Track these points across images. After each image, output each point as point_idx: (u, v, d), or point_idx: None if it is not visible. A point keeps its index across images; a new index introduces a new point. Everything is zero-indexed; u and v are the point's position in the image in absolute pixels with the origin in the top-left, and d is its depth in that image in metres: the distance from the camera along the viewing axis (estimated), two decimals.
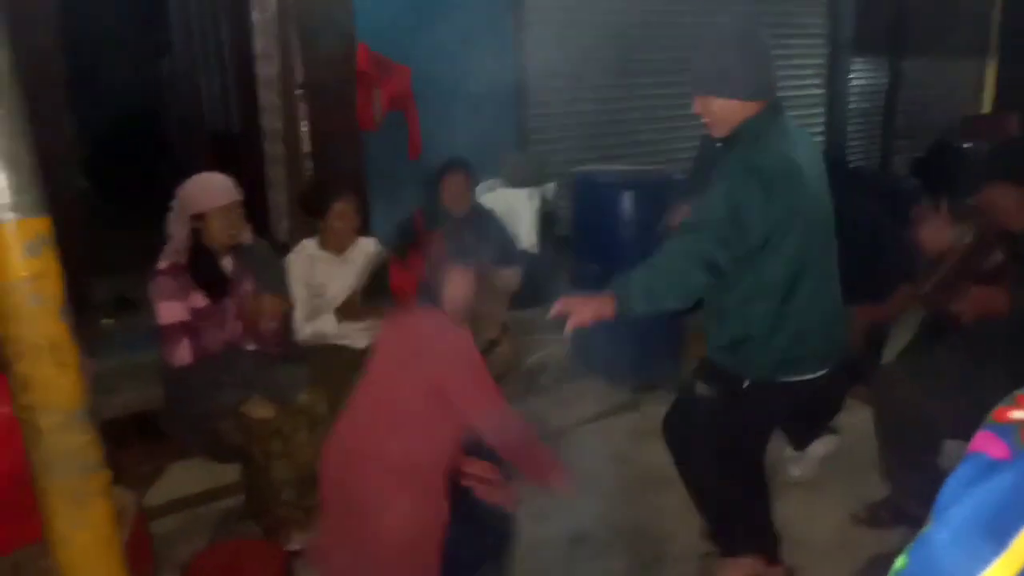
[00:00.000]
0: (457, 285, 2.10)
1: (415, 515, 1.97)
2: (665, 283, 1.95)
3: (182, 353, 2.51)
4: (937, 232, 2.24)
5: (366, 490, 1.99)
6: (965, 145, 7.34)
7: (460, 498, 2.06)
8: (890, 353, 2.88)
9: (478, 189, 3.95)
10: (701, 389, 2.17)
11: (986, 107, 8.84)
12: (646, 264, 1.97)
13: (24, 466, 1.38)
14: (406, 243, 2.08)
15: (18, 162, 1.28)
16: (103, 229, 4.98)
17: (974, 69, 8.64)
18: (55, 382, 1.38)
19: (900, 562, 0.72)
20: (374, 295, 2.25)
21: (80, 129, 4.62)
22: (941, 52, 7.95)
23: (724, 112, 1.98)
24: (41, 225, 1.35)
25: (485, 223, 3.48)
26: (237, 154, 5.28)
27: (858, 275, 2.79)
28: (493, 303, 3.25)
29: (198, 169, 2.72)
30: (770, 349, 2.04)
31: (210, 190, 2.56)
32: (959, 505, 0.68)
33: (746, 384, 2.08)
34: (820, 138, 7.08)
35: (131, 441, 2.76)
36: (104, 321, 4.09)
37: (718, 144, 2.07)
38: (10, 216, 1.29)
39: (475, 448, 2.14)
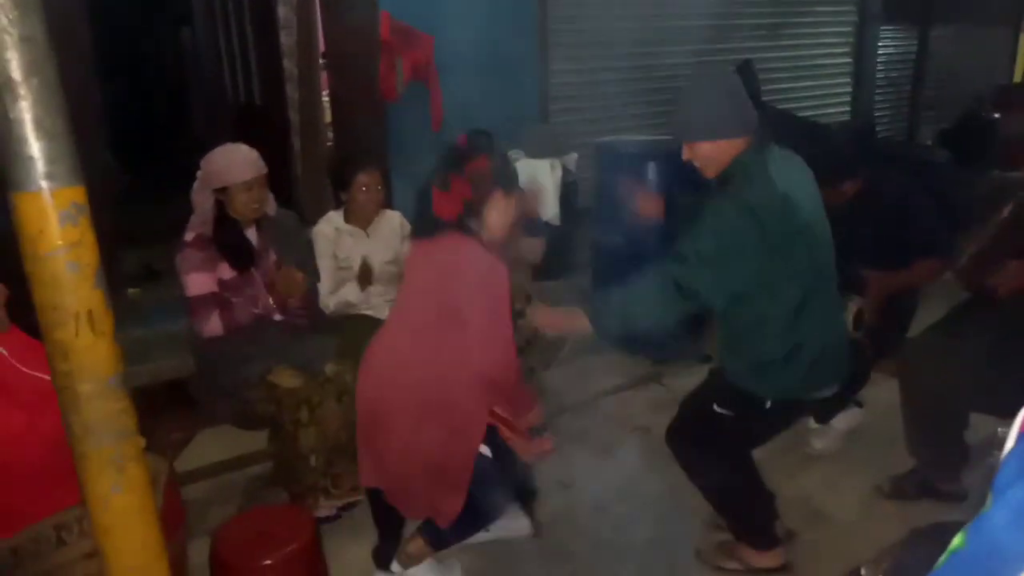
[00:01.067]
0: (500, 211, 2.09)
1: (446, 442, 2.03)
2: (641, 309, 2.09)
3: (212, 324, 2.54)
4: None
5: (397, 414, 2.06)
6: (995, 116, 7.20)
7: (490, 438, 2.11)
8: (917, 327, 2.85)
9: None
10: (720, 409, 2.22)
11: (1017, 77, 8.64)
12: (625, 289, 2.09)
13: (62, 431, 1.41)
14: (449, 169, 2.06)
15: (52, 132, 1.29)
16: (128, 200, 5.02)
17: (1006, 38, 8.43)
18: (92, 349, 1.40)
19: (958, 541, 0.71)
20: (417, 228, 2.27)
21: (104, 100, 4.63)
22: (971, 21, 7.77)
23: (714, 153, 2.08)
24: (76, 194, 1.36)
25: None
26: (261, 124, 5.29)
27: (886, 246, 2.78)
28: (518, 273, 3.26)
29: (221, 140, 2.72)
30: (791, 371, 2.12)
31: (235, 163, 2.55)
32: (1018, 486, 0.67)
33: (768, 404, 2.17)
34: (846, 108, 6.96)
35: (161, 409, 2.80)
36: (131, 291, 4.15)
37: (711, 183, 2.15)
38: (45, 185, 1.30)
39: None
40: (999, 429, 2.95)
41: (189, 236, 2.57)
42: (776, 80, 6.10)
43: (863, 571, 1.22)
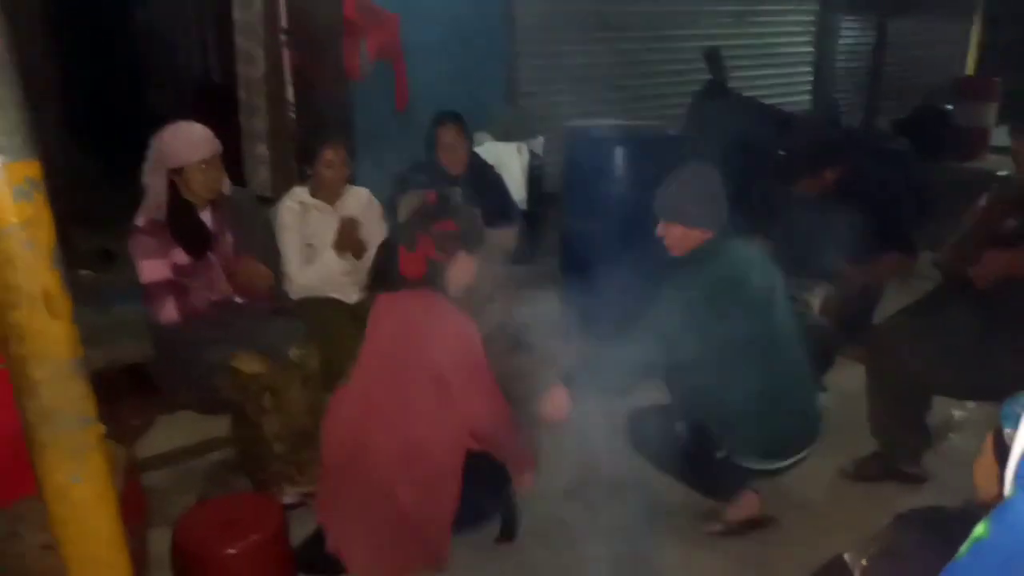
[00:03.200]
0: (462, 271, 2.16)
1: (427, 495, 2.05)
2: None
3: (168, 311, 2.46)
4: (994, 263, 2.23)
5: (379, 464, 2.05)
6: (949, 107, 7.35)
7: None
8: (880, 314, 2.90)
9: None
10: (679, 429, 2.41)
11: (970, 69, 8.84)
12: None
13: (18, 419, 1.34)
14: (416, 228, 2.09)
15: (4, 103, 1.22)
16: (82, 179, 4.84)
17: (959, 31, 8.62)
18: (49, 332, 1.34)
19: (980, 529, 0.71)
20: (379, 281, 2.27)
21: (55, 76, 4.45)
22: (927, 13, 7.92)
23: (684, 238, 2.35)
24: (31, 169, 1.29)
25: (483, 178, 3.41)
26: (219, 102, 5.14)
27: (859, 235, 2.81)
28: (489, 261, 3.23)
29: (178, 118, 2.61)
30: (761, 427, 2.31)
31: (189, 142, 2.46)
32: None
33: (719, 455, 2.35)
34: (807, 96, 7.05)
35: (118, 394, 2.71)
36: (82, 272, 4.01)
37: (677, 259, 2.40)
38: None
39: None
40: (954, 412, 3.04)
41: (141, 220, 2.47)
42: (740, 67, 6.14)
43: (846, 557, 1.22)
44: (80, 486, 1.42)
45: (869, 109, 7.81)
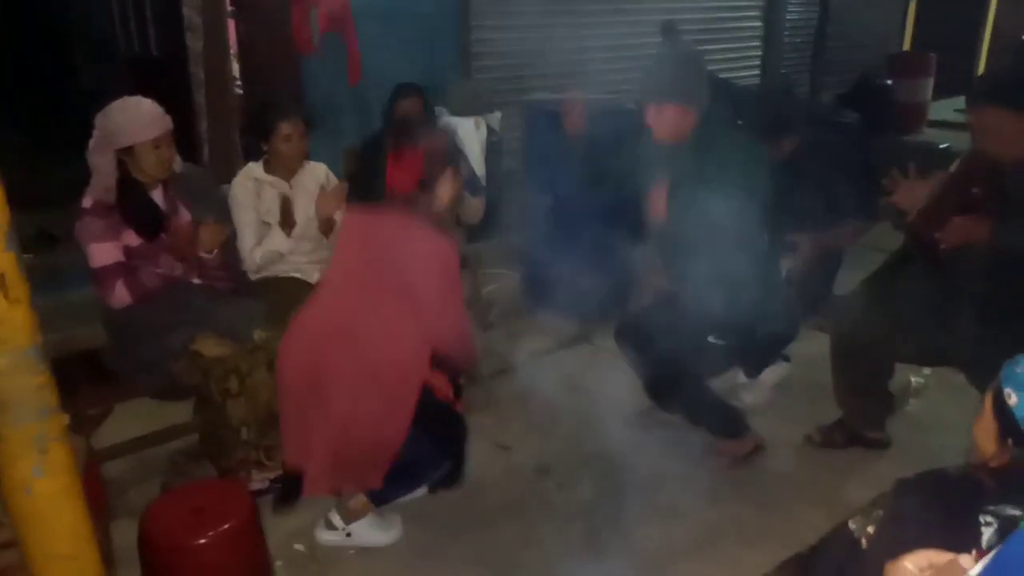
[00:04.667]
0: (449, 187, 2.12)
1: (383, 414, 2.02)
2: None
3: (120, 294, 2.35)
4: (910, 192, 2.31)
5: (339, 381, 2.01)
6: (888, 81, 7.54)
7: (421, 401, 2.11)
8: (841, 284, 2.95)
9: None
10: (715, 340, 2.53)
11: (907, 45, 9.06)
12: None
13: None
14: (405, 141, 2.02)
15: None
16: (13, 158, 4.60)
17: (897, 8, 8.81)
18: (6, 318, 1.27)
19: None
20: (361, 194, 2.19)
21: None
22: None
23: (680, 120, 2.33)
24: None
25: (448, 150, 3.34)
26: (159, 77, 4.93)
27: (815, 206, 2.85)
28: (454, 234, 3.18)
29: (114, 94, 2.47)
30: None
31: (138, 121, 2.33)
32: None
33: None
34: (756, 71, 7.12)
35: (74, 383, 2.59)
36: (26, 257, 3.81)
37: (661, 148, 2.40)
38: None
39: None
40: (912, 378, 3.13)
41: (87, 202, 2.34)
42: (694, 42, 6.15)
43: (851, 525, 1.23)
44: (43, 480, 1.36)
45: (813, 84, 7.94)
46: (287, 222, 2.76)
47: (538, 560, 2.26)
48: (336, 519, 2.28)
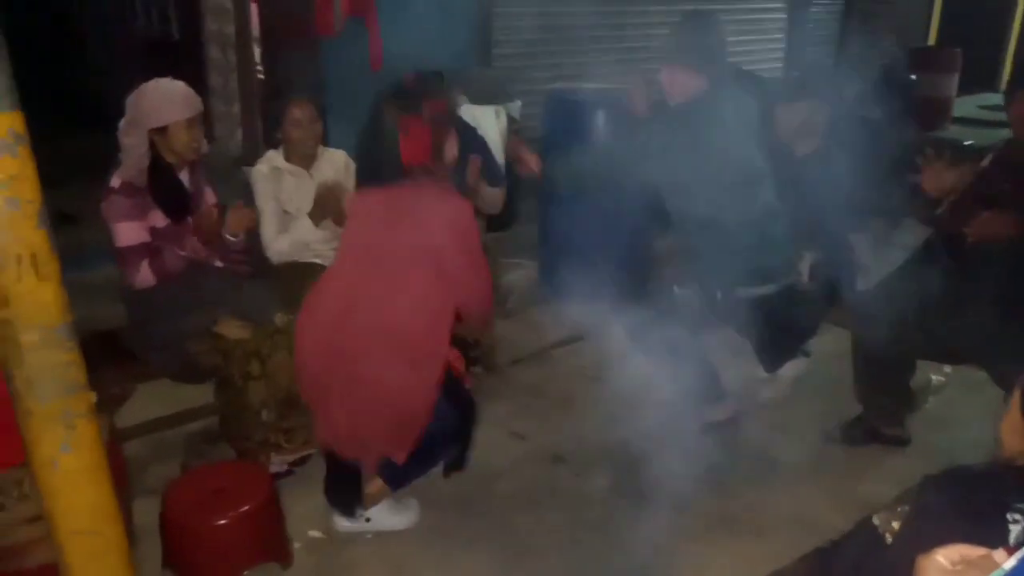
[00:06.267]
0: (454, 147, 2.12)
1: (412, 381, 2.00)
2: None
3: (144, 274, 2.37)
4: (939, 176, 2.29)
5: (362, 355, 1.99)
6: (912, 77, 7.44)
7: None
8: (864, 279, 2.92)
9: None
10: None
11: (932, 40, 8.94)
12: None
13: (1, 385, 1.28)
14: (409, 112, 2.00)
15: None
16: (34, 138, 4.64)
17: (922, 2, 8.70)
18: (36, 295, 1.28)
19: None
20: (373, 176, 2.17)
21: None
22: None
23: (689, 82, 2.49)
24: (15, 121, 1.22)
25: (470, 140, 3.33)
26: (175, 59, 4.95)
27: (839, 201, 2.82)
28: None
29: (125, 76, 2.49)
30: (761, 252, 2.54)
31: (172, 102, 2.35)
32: None
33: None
34: (779, 64, 7.06)
35: (94, 362, 2.61)
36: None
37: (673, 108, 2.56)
38: None
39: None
40: (933, 376, 3.10)
41: (116, 182, 2.36)
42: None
43: (875, 520, 1.22)
44: (70, 456, 1.37)
45: (839, 79, 7.86)
46: (323, 213, 2.74)
47: (551, 547, 2.27)
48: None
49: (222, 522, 1.88)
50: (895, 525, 1.17)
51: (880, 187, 2.85)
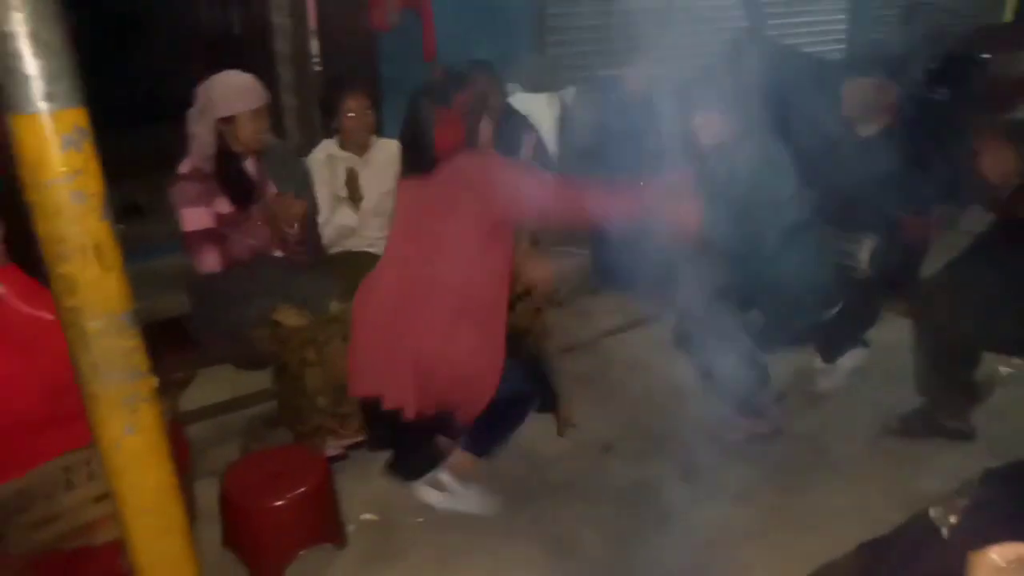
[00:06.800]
0: (488, 131, 2.17)
1: (479, 343, 2.05)
2: None
3: (209, 260, 2.45)
4: (998, 159, 2.19)
5: (424, 328, 2.04)
6: (983, 56, 7.10)
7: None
8: (927, 269, 2.83)
9: None
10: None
11: (1007, 16, 8.53)
12: None
13: (70, 371, 1.34)
14: (440, 104, 2.07)
15: (51, 46, 1.18)
16: (102, 131, 4.80)
17: None
18: (100, 284, 1.32)
19: None
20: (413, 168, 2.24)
21: (72, 26, 4.38)
22: None
23: (723, 127, 2.53)
24: (79, 116, 1.25)
25: (517, 131, 3.34)
26: (238, 53, 5.06)
27: (903, 186, 2.73)
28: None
29: (190, 69, 2.58)
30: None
31: (240, 92, 2.44)
32: None
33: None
34: (841, 44, 6.83)
35: (158, 348, 2.71)
36: (116, 227, 4.00)
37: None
38: (44, 107, 1.19)
39: None
40: (1000, 368, 2.98)
41: (184, 168, 2.46)
42: (776, 14, 5.96)
43: (932, 513, 1.19)
44: (133, 437, 1.42)
45: (903, 58, 7.56)
46: (354, 196, 2.82)
47: (598, 538, 2.27)
48: (445, 477, 2.31)
49: (278, 503, 1.94)
50: (953, 520, 1.13)
51: (945, 170, 2.75)
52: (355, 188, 2.84)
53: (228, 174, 2.48)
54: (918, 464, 2.50)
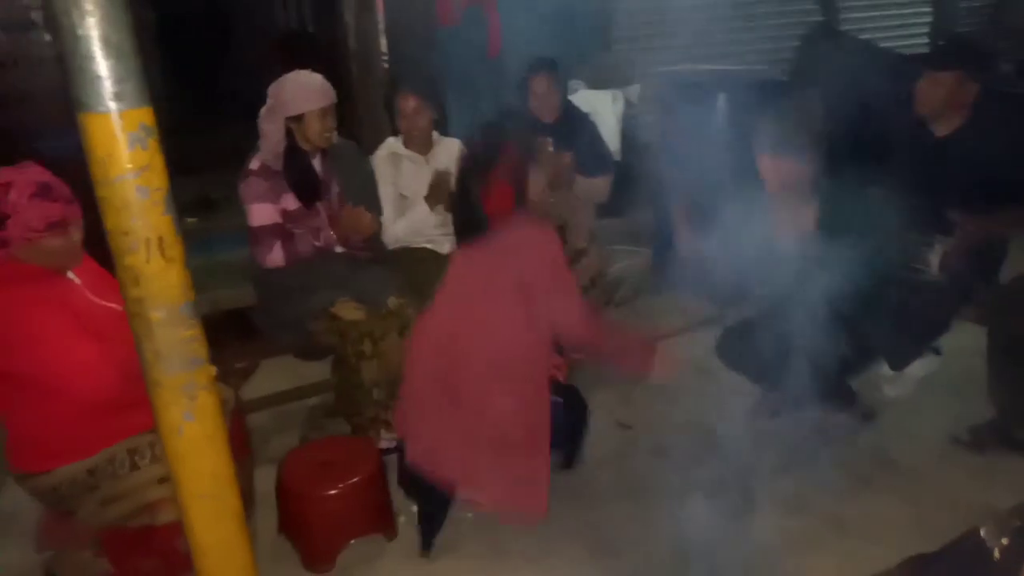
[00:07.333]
0: (538, 183, 2.13)
1: (519, 409, 2.04)
2: None
3: (274, 255, 2.52)
4: None
5: (467, 385, 2.04)
6: None
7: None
8: (1008, 274, 2.70)
9: None
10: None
11: None
12: None
13: (134, 359, 1.40)
14: (488, 172, 2.06)
15: (120, 49, 1.24)
16: (179, 128, 5.00)
17: None
18: (163, 276, 1.38)
19: None
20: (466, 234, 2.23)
21: (153, 26, 4.56)
22: None
23: (791, 172, 2.40)
24: (145, 115, 1.31)
25: (577, 128, 3.33)
26: (311, 52, 5.19)
27: (982, 187, 2.61)
28: (581, 212, 3.17)
29: (268, 68, 2.65)
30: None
31: (309, 92, 2.50)
32: None
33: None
34: (925, 39, 6.56)
35: (223, 338, 2.81)
36: (188, 220, 4.17)
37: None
38: (113, 106, 1.25)
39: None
40: None
41: (255, 164, 2.53)
42: (851, 8, 5.75)
43: (983, 533, 1.14)
44: (192, 424, 1.48)
45: (992, 52, 7.20)
46: (438, 198, 2.83)
47: (647, 542, 2.25)
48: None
49: (331, 492, 1.99)
50: (1004, 540, 1.08)
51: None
52: (439, 190, 2.84)
53: (296, 171, 2.54)
54: (986, 478, 2.39)
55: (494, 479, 2.06)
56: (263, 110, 2.53)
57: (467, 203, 2.09)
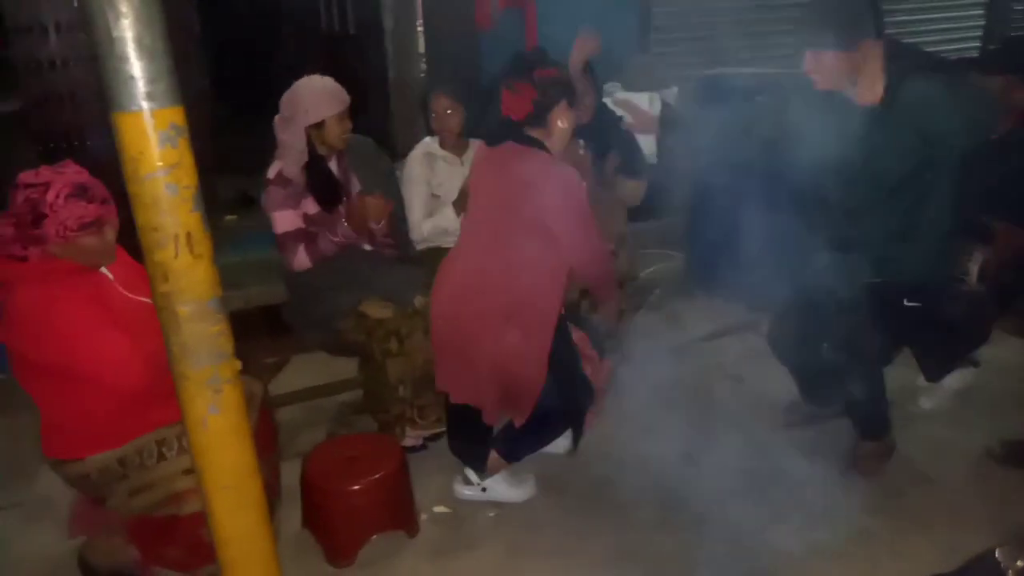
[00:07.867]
0: (564, 120, 2.18)
1: (523, 347, 2.13)
2: None
3: (300, 259, 2.54)
4: None
5: (478, 324, 2.14)
6: None
7: (558, 355, 2.20)
8: None
9: None
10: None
11: None
12: None
13: (164, 352, 1.43)
14: (519, 73, 2.15)
15: (153, 50, 1.27)
16: (223, 127, 5.09)
17: None
18: (191, 271, 1.41)
19: None
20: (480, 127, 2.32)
21: (197, 26, 4.65)
22: None
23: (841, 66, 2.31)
24: (175, 115, 1.34)
25: (611, 130, 3.31)
26: (355, 55, 5.25)
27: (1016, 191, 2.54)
28: (612, 214, 3.16)
29: (312, 69, 2.66)
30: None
31: (327, 97, 2.51)
32: None
33: None
34: (977, 44, 6.38)
35: (256, 333, 2.87)
36: (227, 218, 4.25)
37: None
38: (146, 106, 1.28)
39: (580, 321, 2.47)
40: None
41: (272, 173, 2.55)
42: (897, 11, 5.63)
43: (998, 555, 1.11)
44: (217, 417, 1.51)
45: None
46: (464, 207, 2.84)
47: (670, 546, 2.24)
48: (472, 475, 2.40)
49: (354, 488, 2.02)
50: (1020, 563, 1.04)
51: None
52: (467, 197, 2.86)
53: (315, 177, 2.56)
54: (1017, 494, 2.32)
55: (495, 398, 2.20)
56: (278, 120, 2.53)
57: (492, 97, 2.18)
